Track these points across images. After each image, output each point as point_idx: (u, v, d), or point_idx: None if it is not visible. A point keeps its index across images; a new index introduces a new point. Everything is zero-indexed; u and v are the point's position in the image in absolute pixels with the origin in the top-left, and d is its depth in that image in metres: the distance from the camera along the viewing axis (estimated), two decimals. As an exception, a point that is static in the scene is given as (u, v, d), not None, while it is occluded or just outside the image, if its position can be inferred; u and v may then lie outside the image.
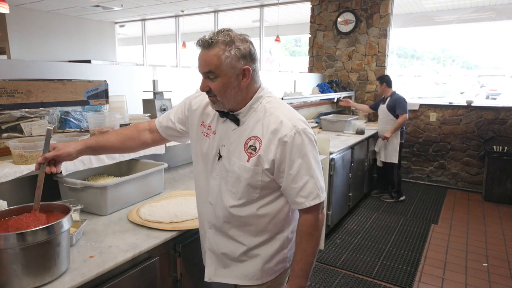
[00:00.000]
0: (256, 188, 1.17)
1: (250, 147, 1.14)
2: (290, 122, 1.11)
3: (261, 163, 1.13)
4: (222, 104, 1.15)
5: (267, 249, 1.25)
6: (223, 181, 1.22)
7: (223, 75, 1.09)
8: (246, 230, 1.23)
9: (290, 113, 1.16)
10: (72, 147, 1.24)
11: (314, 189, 1.14)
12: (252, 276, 1.27)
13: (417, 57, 14.75)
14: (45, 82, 1.75)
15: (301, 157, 1.12)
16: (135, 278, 1.29)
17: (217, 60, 1.07)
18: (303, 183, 1.13)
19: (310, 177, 1.13)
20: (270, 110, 1.15)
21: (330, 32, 5.57)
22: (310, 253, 1.18)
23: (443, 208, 4.31)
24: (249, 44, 1.12)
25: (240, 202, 1.19)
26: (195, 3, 6.92)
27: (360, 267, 2.94)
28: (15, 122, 1.65)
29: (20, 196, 1.63)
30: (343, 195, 3.68)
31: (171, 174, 2.38)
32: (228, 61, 1.08)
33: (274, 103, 1.18)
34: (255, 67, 1.15)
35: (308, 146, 1.12)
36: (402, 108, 4.10)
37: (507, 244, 3.38)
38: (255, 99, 1.17)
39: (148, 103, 2.36)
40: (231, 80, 1.10)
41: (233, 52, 1.08)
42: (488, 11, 5.52)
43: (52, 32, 7.95)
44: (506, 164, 4.41)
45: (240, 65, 1.09)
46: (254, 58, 1.14)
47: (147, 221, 1.52)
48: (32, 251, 1.02)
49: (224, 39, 1.08)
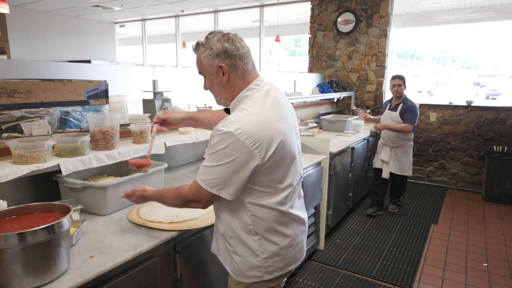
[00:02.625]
0: None
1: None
2: (226, 122, 1.13)
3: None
4: (219, 101, 1.29)
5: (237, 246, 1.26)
6: None
7: (206, 74, 1.23)
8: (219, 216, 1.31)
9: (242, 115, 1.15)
10: (178, 114, 1.56)
11: (204, 174, 1.16)
12: (230, 266, 1.31)
13: (417, 57, 14.75)
14: (45, 82, 1.75)
15: (215, 148, 1.13)
16: (135, 278, 1.29)
17: (199, 61, 1.22)
18: (203, 164, 1.17)
19: (207, 167, 1.15)
20: (239, 111, 1.18)
21: (330, 32, 5.57)
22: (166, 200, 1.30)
23: (443, 208, 4.31)
24: (224, 43, 1.18)
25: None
26: (195, 3, 6.92)
27: (360, 267, 2.94)
28: (15, 122, 1.65)
29: (20, 196, 1.64)
30: (343, 195, 3.68)
31: (171, 174, 2.38)
32: (206, 61, 1.20)
33: (251, 105, 1.18)
34: (232, 62, 1.19)
35: (228, 145, 1.10)
36: (411, 119, 3.68)
37: (507, 244, 3.38)
38: (239, 98, 1.22)
39: (148, 103, 2.36)
40: (213, 78, 1.22)
41: (207, 52, 1.18)
42: (488, 11, 5.52)
43: (52, 32, 7.94)
44: (506, 164, 4.41)
45: (215, 63, 1.19)
46: (230, 55, 1.18)
47: (147, 221, 1.52)
48: (32, 251, 1.02)
49: (203, 41, 1.20)
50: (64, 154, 1.65)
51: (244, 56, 1.21)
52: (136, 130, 2.02)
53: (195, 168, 2.53)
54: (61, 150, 1.65)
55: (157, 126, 1.51)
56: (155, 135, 1.53)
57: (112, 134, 1.83)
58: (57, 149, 1.66)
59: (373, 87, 5.37)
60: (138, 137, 2.03)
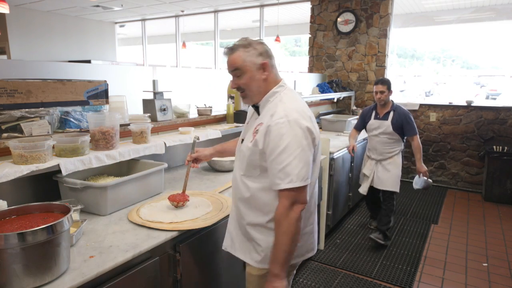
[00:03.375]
0: (255, 167, 1.34)
1: (255, 131, 1.34)
2: (284, 113, 1.26)
3: (257, 144, 1.30)
4: (250, 98, 1.38)
5: (266, 234, 1.35)
6: (238, 160, 1.44)
7: (247, 70, 1.33)
8: (250, 207, 1.37)
9: (292, 106, 1.30)
10: (207, 151, 1.77)
11: (291, 173, 1.22)
12: (253, 256, 1.40)
13: (417, 57, 14.75)
14: (45, 82, 1.75)
15: (283, 142, 1.22)
16: (135, 278, 1.29)
17: (239, 59, 1.32)
18: (283, 166, 1.22)
19: (288, 163, 1.22)
20: (279, 103, 1.32)
21: (330, 32, 5.57)
22: (280, 241, 1.23)
23: (443, 208, 4.31)
24: (264, 45, 1.36)
25: (244, 176, 1.38)
26: (195, 3, 6.92)
27: (360, 267, 2.94)
28: (15, 122, 1.65)
29: (20, 196, 1.64)
30: (343, 195, 3.68)
31: (171, 174, 2.38)
32: (249, 59, 1.32)
33: (287, 98, 1.34)
34: (272, 62, 1.36)
35: (292, 135, 1.23)
36: (413, 128, 3.16)
37: (507, 244, 3.38)
38: (272, 93, 1.36)
39: (148, 103, 2.36)
40: (254, 73, 1.33)
41: (251, 52, 1.32)
42: (488, 11, 5.52)
43: (52, 32, 7.94)
44: (506, 164, 4.41)
45: (259, 60, 1.32)
46: (270, 54, 1.36)
47: (147, 221, 1.52)
48: (32, 251, 1.02)
49: (242, 43, 1.34)
50: (64, 154, 1.65)
51: (275, 61, 1.40)
52: (136, 130, 2.02)
53: (195, 168, 2.52)
54: (61, 150, 1.65)
55: (190, 163, 1.75)
56: (189, 171, 1.77)
57: (112, 134, 1.83)
58: (57, 149, 1.66)
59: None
60: (138, 137, 2.03)
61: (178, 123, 2.53)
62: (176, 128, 2.52)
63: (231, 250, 1.50)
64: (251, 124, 1.43)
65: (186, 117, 2.62)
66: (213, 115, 2.87)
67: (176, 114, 2.58)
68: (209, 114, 2.82)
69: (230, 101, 2.97)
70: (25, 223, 1.12)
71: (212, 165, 2.50)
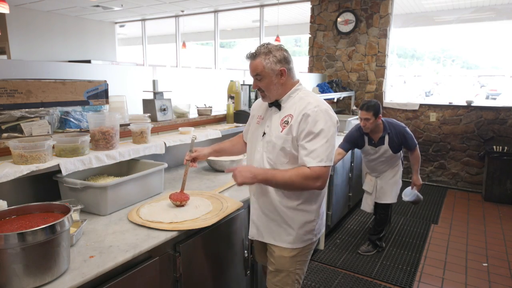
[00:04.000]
0: (286, 155, 1.50)
1: (284, 122, 1.51)
2: (316, 103, 1.48)
3: (291, 132, 1.48)
4: (269, 97, 1.55)
5: (299, 215, 1.55)
6: (265, 151, 1.56)
7: (267, 76, 1.49)
8: (282, 193, 1.54)
9: (318, 99, 1.52)
10: (206, 150, 1.83)
11: (321, 154, 1.43)
12: (285, 238, 1.57)
13: (417, 57, 14.74)
14: (45, 82, 1.75)
15: (318, 127, 1.43)
16: (135, 278, 1.29)
17: (260, 66, 1.48)
18: (315, 147, 1.43)
19: (321, 145, 1.43)
20: (303, 97, 1.53)
21: (330, 32, 5.57)
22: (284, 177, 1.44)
23: (443, 208, 4.31)
24: (283, 52, 1.50)
25: (273, 166, 1.53)
26: (195, 3, 6.92)
27: (360, 267, 2.94)
28: (15, 122, 1.65)
29: (20, 196, 1.64)
30: (343, 195, 3.68)
31: (171, 174, 2.38)
32: (268, 66, 1.47)
33: (308, 94, 1.56)
34: (290, 67, 1.53)
35: (325, 121, 1.44)
36: (412, 142, 2.98)
37: (507, 244, 3.38)
38: (293, 91, 1.56)
39: (148, 103, 2.36)
40: (272, 79, 1.50)
41: (271, 59, 1.47)
42: (488, 11, 5.52)
43: (52, 32, 7.94)
44: (506, 164, 4.41)
45: (278, 67, 1.48)
46: (289, 60, 1.52)
47: (147, 221, 1.52)
48: (32, 251, 1.02)
49: (264, 51, 1.48)
50: (64, 154, 1.65)
51: (293, 64, 1.56)
52: (136, 130, 2.02)
53: (195, 168, 2.53)
54: (61, 150, 1.65)
55: (189, 162, 1.78)
56: (188, 170, 1.80)
57: (112, 134, 1.83)
58: (57, 149, 1.66)
59: (373, 87, 5.37)
60: (138, 137, 2.03)
61: (178, 123, 2.53)
62: (176, 128, 2.52)
63: (258, 238, 1.66)
64: (271, 118, 1.57)
65: (186, 117, 2.62)
66: (213, 115, 2.87)
67: (176, 114, 2.58)
68: (209, 114, 2.82)
69: (230, 101, 2.97)
70: (25, 223, 1.12)
71: (212, 165, 2.50)
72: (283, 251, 1.59)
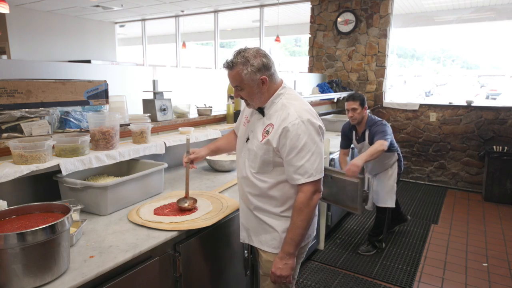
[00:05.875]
0: (269, 163, 1.44)
1: (265, 132, 1.44)
2: (297, 114, 1.38)
3: (271, 143, 1.40)
4: (253, 105, 1.48)
5: (282, 222, 1.49)
6: (247, 159, 1.51)
7: (247, 87, 1.41)
8: (266, 200, 1.49)
9: (301, 106, 1.42)
10: (203, 151, 1.79)
11: (309, 169, 1.37)
12: (270, 243, 1.52)
13: (417, 57, 14.74)
14: (45, 82, 1.75)
15: (301, 142, 1.35)
16: (135, 278, 1.29)
17: (239, 77, 1.39)
18: (302, 163, 1.36)
19: (307, 160, 1.36)
20: (286, 104, 1.43)
21: (330, 32, 5.57)
22: (298, 226, 1.40)
23: (443, 208, 4.31)
24: (261, 58, 1.39)
25: (257, 174, 1.47)
26: (195, 3, 6.92)
27: (360, 267, 2.94)
28: (15, 122, 1.65)
29: (20, 196, 1.64)
30: (343, 195, 3.67)
31: (171, 174, 2.38)
32: (248, 77, 1.38)
33: (291, 99, 1.45)
34: (270, 73, 1.43)
35: (308, 133, 1.36)
36: (381, 132, 2.80)
37: (507, 244, 3.38)
38: (276, 96, 1.46)
39: (148, 103, 2.36)
40: (254, 89, 1.41)
41: (249, 69, 1.37)
42: (488, 11, 5.52)
43: (52, 32, 7.94)
44: (506, 164, 4.41)
45: (257, 76, 1.39)
46: (268, 67, 1.41)
47: (147, 221, 1.52)
48: (32, 251, 1.02)
49: (241, 60, 1.37)
50: (64, 154, 1.65)
51: (274, 65, 1.45)
52: (136, 130, 2.02)
53: (195, 169, 2.52)
54: (61, 150, 1.65)
55: (188, 165, 1.76)
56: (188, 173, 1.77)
57: (112, 134, 1.83)
58: (57, 149, 1.66)
59: (373, 87, 5.37)
60: (138, 137, 2.03)
61: (178, 123, 2.53)
62: (176, 128, 2.52)
63: (248, 241, 1.62)
64: (254, 124, 1.52)
65: (186, 117, 2.62)
66: (213, 115, 2.87)
67: (176, 114, 2.58)
68: (209, 114, 2.82)
69: (230, 101, 2.97)
70: (25, 223, 1.12)
71: (212, 165, 2.50)
72: (269, 256, 1.54)
